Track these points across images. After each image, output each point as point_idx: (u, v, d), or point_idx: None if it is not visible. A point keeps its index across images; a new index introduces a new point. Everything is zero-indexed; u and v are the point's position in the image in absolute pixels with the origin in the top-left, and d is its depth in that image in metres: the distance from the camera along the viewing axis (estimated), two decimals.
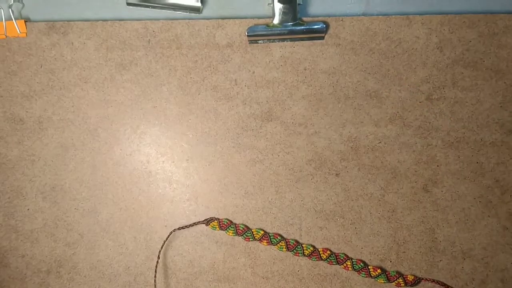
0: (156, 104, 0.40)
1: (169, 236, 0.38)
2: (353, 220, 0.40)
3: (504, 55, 0.38)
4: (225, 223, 0.37)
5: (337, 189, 0.40)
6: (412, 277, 0.37)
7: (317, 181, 0.40)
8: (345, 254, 0.36)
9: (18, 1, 0.39)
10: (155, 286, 0.39)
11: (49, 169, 0.40)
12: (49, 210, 0.40)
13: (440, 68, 0.39)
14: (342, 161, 0.39)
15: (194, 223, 0.36)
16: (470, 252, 0.39)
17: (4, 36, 0.39)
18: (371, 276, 0.36)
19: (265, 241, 0.37)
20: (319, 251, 0.37)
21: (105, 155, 0.40)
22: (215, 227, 0.37)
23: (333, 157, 0.39)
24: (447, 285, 0.35)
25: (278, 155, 0.40)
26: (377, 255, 0.39)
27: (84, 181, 0.40)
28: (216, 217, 0.37)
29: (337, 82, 0.39)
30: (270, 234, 0.37)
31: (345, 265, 0.37)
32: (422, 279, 0.36)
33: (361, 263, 0.36)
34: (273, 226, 0.40)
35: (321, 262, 0.40)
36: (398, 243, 0.39)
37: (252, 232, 0.37)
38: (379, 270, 0.36)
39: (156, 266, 0.39)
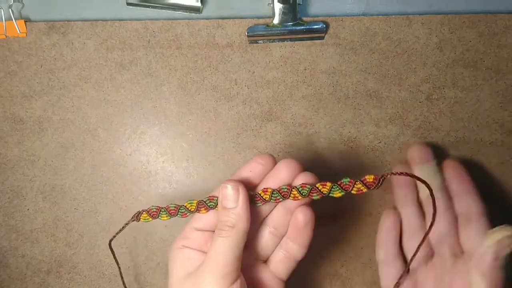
0: (156, 104, 0.40)
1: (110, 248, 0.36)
2: (354, 220, 0.40)
3: (504, 55, 0.38)
4: (154, 210, 0.32)
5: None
6: (372, 177, 0.28)
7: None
8: (288, 185, 0.30)
9: (18, 1, 0.39)
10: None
11: (49, 169, 0.40)
12: (49, 210, 0.40)
13: (440, 68, 0.39)
14: (342, 161, 0.39)
15: (126, 223, 0.33)
16: None
17: (4, 36, 0.39)
18: (323, 194, 0.29)
19: (203, 208, 0.31)
20: (260, 194, 0.31)
21: (105, 155, 0.40)
22: (147, 219, 0.33)
23: (333, 157, 0.39)
24: (417, 177, 0.29)
25: (278, 155, 0.40)
26: None
27: (84, 181, 0.40)
28: (142, 209, 0.33)
29: (337, 82, 0.39)
30: (204, 200, 0.31)
31: (292, 195, 0.30)
32: (386, 175, 0.28)
33: (307, 186, 0.30)
34: None
35: (321, 261, 0.40)
36: None
37: (186, 206, 0.32)
38: (328, 184, 0.29)
39: (121, 273, 0.38)
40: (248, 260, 0.32)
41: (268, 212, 0.32)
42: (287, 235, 0.32)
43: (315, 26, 0.37)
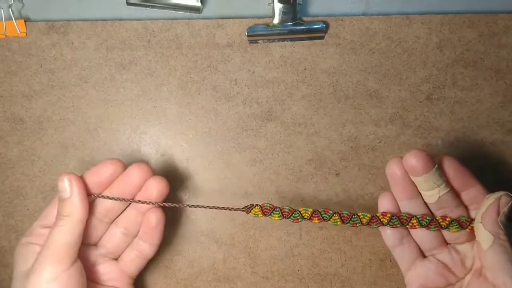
0: (156, 104, 0.40)
1: None
2: None
3: (504, 55, 0.38)
4: (268, 207, 0.33)
5: (337, 189, 0.40)
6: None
7: (317, 181, 0.40)
8: (408, 213, 0.34)
9: (18, 1, 0.39)
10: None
11: (49, 169, 0.40)
12: None
13: (440, 68, 0.39)
14: (342, 161, 0.39)
15: (234, 208, 0.34)
16: None
17: (4, 36, 0.39)
18: (442, 227, 0.33)
19: (316, 218, 0.33)
20: (378, 217, 0.34)
21: (105, 155, 0.40)
22: (258, 214, 0.33)
23: (333, 157, 0.39)
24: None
25: (278, 155, 0.40)
26: (377, 255, 0.39)
27: None
28: (256, 203, 0.34)
29: (337, 82, 0.39)
30: (320, 210, 0.33)
31: (410, 224, 0.33)
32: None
33: (427, 218, 0.33)
34: (273, 225, 0.40)
35: (321, 261, 0.40)
36: None
37: (300, 212, 0.33)
38: (449, 219, 0.33)
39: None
40: (98, 257, 0.35)
41: (118, 212, 0.35)
42: (139, 235, 0.35)
43: (315, 26, 0.38)
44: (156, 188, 0.34)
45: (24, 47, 0.39)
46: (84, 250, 0.34)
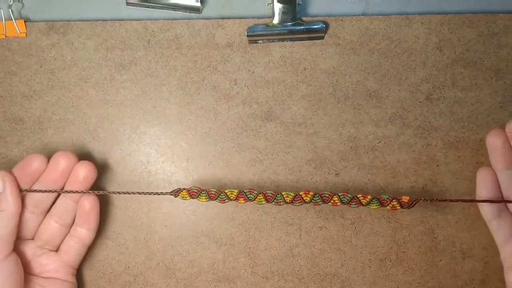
0: (156, 104, 0.40)
1: None
2: (353, 220, 0.40)
3: (504, 55, 0.38)
4: (195, 190, 0.35)
5: (337, 189, 0.40)
6: (408, 198, 0.34)
7: (317, 181, 0.40)
8: (330, 192, 0.35)
9: (18, 1, 0.39)
10: None
11: None
12: None
13: (439, 68, 0.39)
14: (342, 161, 0.39)
15: (162, 193, 0.36)
16: (470, 252, 0.39)
17: (4, 36, 0.39)
18: (362, 204, 0.34)
19: (242, 199, 0.35)
20: (301, 195, 0.35)
21: (105, 155, 0.40)
22: (185, 197, 0.35)
23: (333, 157, 0.39)
24: (444, 199, 0.35)
25: (278, 155, 0.40)
26: (377, 255, 0.39)
27: None
28: (183, 187, 0.36)
29: (336, 82, 0.39)
30: (245, 191, 0.35)
31: (332, 201, 0.35)
32: (419, 200, 0.35)
33: (348, 195, 0.35)
34: (273, 226, 0.40)
35: (321, 261, 0.40)
36: (397, 243, 0.39)
37: (226, 193, 0.35)
38: (369, 197, 0.34)
39: None
40: (36, 250, 0.36)
41: (48, 203, 0.36)
42: (75, 222, 0.36)
43: (315, 26, 0.38)
44: (82, 172, 0.35)
45: (24, 47, 0.39)
46: (21, 245, 0.35)
